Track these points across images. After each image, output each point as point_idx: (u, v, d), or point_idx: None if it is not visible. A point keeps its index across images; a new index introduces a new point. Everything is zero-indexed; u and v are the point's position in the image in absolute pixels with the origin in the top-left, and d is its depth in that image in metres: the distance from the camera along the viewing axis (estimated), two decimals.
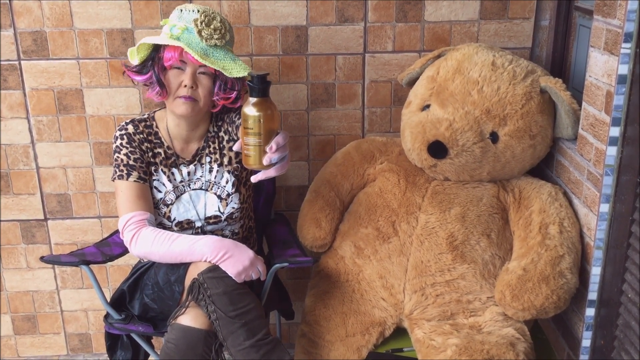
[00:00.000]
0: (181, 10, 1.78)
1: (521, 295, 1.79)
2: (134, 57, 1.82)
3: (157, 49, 1.79)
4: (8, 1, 2.10)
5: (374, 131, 2.34)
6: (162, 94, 1.80)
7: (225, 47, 1.79)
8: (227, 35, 1.78)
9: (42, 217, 2.38)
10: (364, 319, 1.95)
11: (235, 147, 1.64)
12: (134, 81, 1.85)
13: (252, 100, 1.47)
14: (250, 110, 1.47)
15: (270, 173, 1.58)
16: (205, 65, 1.76)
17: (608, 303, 1.78)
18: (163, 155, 1.90)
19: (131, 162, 1.84)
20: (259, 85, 1.45)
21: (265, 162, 1.53)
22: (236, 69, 1.77)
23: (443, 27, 2.21)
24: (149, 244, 1.77)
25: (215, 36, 1.75)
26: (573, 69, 2.14)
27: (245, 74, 1.77)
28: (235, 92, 1.83)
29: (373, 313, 1.96)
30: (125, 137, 1.86)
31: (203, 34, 1.74)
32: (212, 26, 1.74)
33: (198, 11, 1.76)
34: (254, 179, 1.65)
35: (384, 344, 1.96)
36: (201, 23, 1.74)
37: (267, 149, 1.50)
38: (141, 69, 1.82)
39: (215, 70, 1.77)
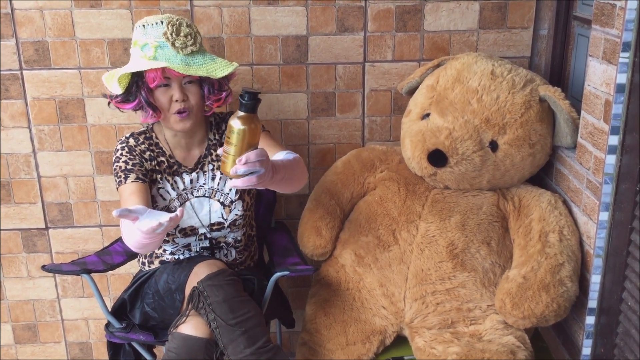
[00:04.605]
0: (144, 26, 1.75)
1: (521, 303, 1.79)
2: (112, 84, 1.77)
3: (137, 73, 1.76)
4: (10, 11, 2.11)
5: (374, 140, 2.35)
6: (157, 115, 1.80)
7: (200, 50, 1.78)
8: (198, 38, 1.77)
9: (43, 226, 2.38)
10: (365, 327, 1.96)
11: (218, 152, 1.64)
12: (122, 110, 1.83)
13: (240, 113, 1.51)
14: (235, 122, 1.50)
15: (237, 183, 1.56)
16: (189, 75, 1.75)
17: (608, 311, 1.78)
18: (166, 163, 1.91)
19: (129, 167, 1.84)
20: (248, 102, 1.49)
21: (231, 171, 1.54)
22: (220, 69, 1.77)
23: (442, 37, 2.23)
24: (128, 242, 1.69)
25: (189, 43, 1.73)
26: (572, 77, 2.15)
27: (231, 70, 1.77)
28: (224, 92, 1.83)
29: (374, 321, 1.96)
30: (126, 148, 1.86)
31: (177, 44, 1.72)
32: (182, 34, 1.72)
33: (162, 22, 1.73)
34: (228, 184, 1.69)
35: (385, 352, 1.96)
36: (171, 34, 1.71)
37: (237, 161, 1.51)
38: (127, 97, 1.79)
39: (199, 76, 1.77)
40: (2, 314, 2.50)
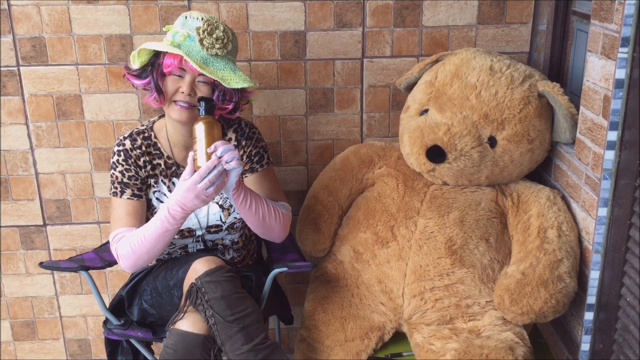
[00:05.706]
0: (186, 18, 1.77)
1: (520, 299, 1.79)
2: (135, 61, 1.81)
3: (157, 54, 1.78)
4: (7, 7, 2.11)
5: (373, 136, 2.34)
6: (160, 100, 1.79)
7: (226, 56, 1.77)
8: (229, 45, 1.77)
9: (41, 223, 2.38)
10: (363, 323, 1.95)
11: (190, 154, 1.68)
12: (134, 85, 1.85)
13: (201, 117, 1.70)
14: (198, 125, 1.68)
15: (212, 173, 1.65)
16: (204, 74, 1.75)
17: (607, 307, 1.78)
18: (163, 165, 1.90)
19: (125, 180, 1.84)
20: (205, 105, 1.70)
21: (208, 150, 1.66)
22: (235, 80, 1.75)
23: (441, 32, 2.22)
24: (129, 249, 1.76)
25: (217, 45, 1.74)
26: (571, 73, 2.14)
27: (245, 85, 1.76)
28: (232, 104, 1.81)
29: (372, 318, 1.96)
30: (122, 153, 1.85)
31: (205, 42, 1.73)
32: (214, 35, 1.73)
33: (202, 19, 1.74)
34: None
35: (383, 348, 1.96)
36: (203, 32, 1.72)
37: (208, 150, 1.66)
38: (141, 73, 1.80)
39: (214, 79, 1.77)
40: (1, 311, 2.49)
